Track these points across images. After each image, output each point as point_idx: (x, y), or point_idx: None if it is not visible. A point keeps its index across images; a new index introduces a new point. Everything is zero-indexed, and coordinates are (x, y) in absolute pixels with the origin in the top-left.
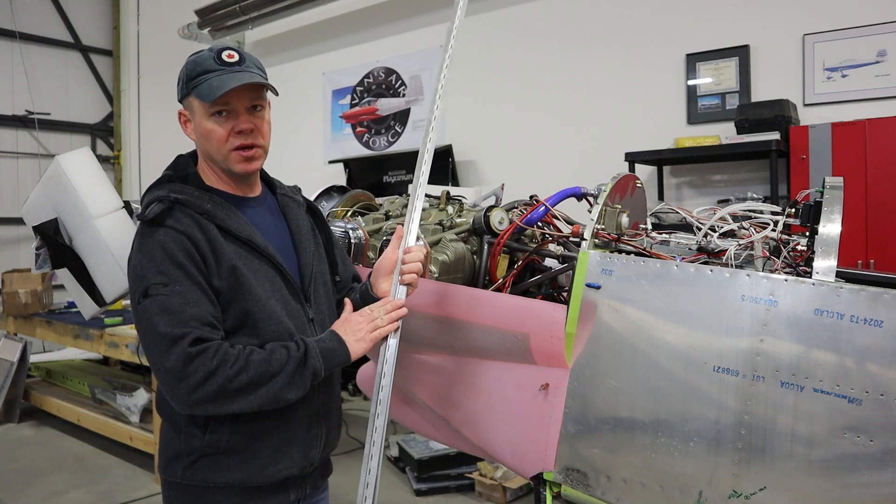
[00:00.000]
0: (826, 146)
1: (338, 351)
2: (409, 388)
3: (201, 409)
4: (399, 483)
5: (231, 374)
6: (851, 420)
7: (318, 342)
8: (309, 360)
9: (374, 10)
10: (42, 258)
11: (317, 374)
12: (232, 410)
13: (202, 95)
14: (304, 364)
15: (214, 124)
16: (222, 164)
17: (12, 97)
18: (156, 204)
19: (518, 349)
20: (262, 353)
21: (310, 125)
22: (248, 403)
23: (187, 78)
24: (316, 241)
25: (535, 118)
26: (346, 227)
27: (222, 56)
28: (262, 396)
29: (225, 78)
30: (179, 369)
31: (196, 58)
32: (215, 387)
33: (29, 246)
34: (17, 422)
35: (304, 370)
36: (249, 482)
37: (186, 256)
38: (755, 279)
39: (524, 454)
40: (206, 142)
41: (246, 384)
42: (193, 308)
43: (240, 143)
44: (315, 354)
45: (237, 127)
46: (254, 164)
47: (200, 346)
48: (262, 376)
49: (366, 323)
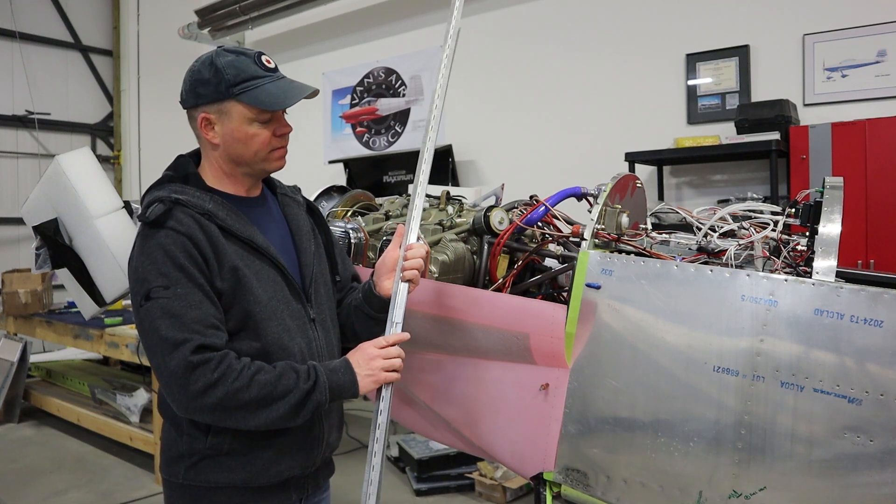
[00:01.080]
0: (826, 146)
1: (347, 388)
2: (409, 388)
3: (200, 417)
4: (399, 483)
5: (232, 389)
6: (851, 420)
7: (329, 373)
8: (315, 394)
9: (374, 10)
10: (42, 258)
11: (320, 408)
12: (228, 425)
13: (261, 102)
14: (309, 398)
15: (259, 129)
16: (257, 166)
17: (12, 97)
18: (157, 204)
19: (518, 349)
20: (269, 375)
21: (310, 125)
22: (245, 422)
23: (229, 83)
24: (316, 242)
25: (535, 118)
26: (346, 227)
27: (262, 61)
28: (260, 419)
29: (283, 86)
30: (181, 376)
31: (233, 61)
32: (215, 399)
33: (29, 246)
34: (17, 422)
35: (307, 403)
36: (252, 483)
37: (188, 258)
38: (755, 279)
39: (524, 454)
40: (244, 146)
41: (246, 403)
42: (195, 311)
43: (280, 144)
44: (323, 389)
45: (279, 130)
46: (284, 161)
47: (203, 356)
48: (265, 399)
49: (381, 360)
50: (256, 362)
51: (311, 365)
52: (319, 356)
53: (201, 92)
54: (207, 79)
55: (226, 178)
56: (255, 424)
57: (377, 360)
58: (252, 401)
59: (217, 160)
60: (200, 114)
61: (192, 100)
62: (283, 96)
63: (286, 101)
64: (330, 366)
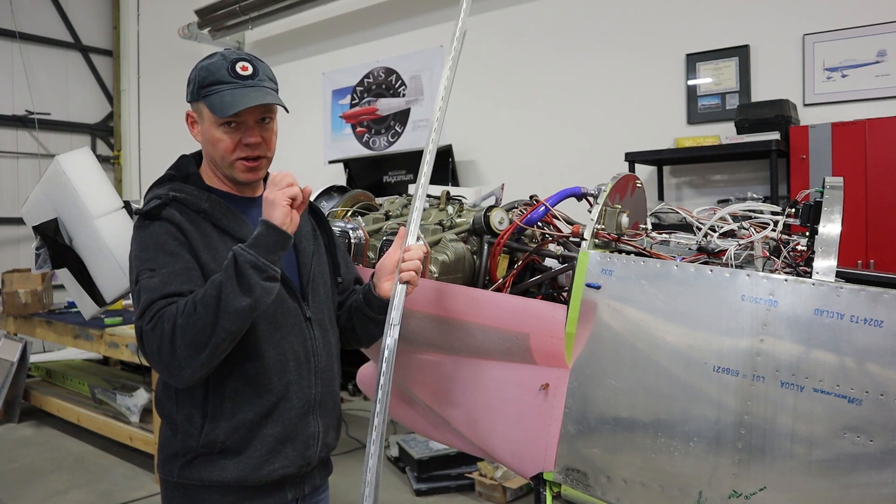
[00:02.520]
0: (826, 146)
1: (262, 233)
2: (409, 388)
3: (191, 369)
4: (399, 483)
5: (182, 322)
6: (851, 420)
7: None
8: (239, 258)
9: (374, 10)
10: (42, 258)
11: (258, 267)
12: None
13: (214, 108)
14: (236, 266)
15: (223, 134)
16: (226, 171)
17: (12, 97)
18: (155, 200)
19: (518, 349)
20: (203, 291)
21: (310, 125)
22: (219, 337)
23: (199, 85)
24: (316, 243)
25: (535, 118)
26: (346, 227)
27: (236, 68)
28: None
29: (238, 94)
30: (149, 347)
31: (209, 64)
32: (181, 344)
33: (29, 246)
34: (17, 422)
35: (239, 270)
36: (245, 481)
37: (178, 245)
38: (755, 279)
39: (524, 454)
40: (212, 148)
41: (202, 323)
42: (174, 287)
43: (246, 154)
44: (242, 251)
45: (245, 140)
46: (258, 174)
47: (156, 317)
48: (209, 304)
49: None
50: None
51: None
52: (316, 355)
53: (187, 91)
54: (191, 79)
55: (215, 177)
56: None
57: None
58: (203, 315)
59: (205, 159)
60: (187, 111)
61: (187, 98)
62: (232, 104)
63: (230, 109)
64: None
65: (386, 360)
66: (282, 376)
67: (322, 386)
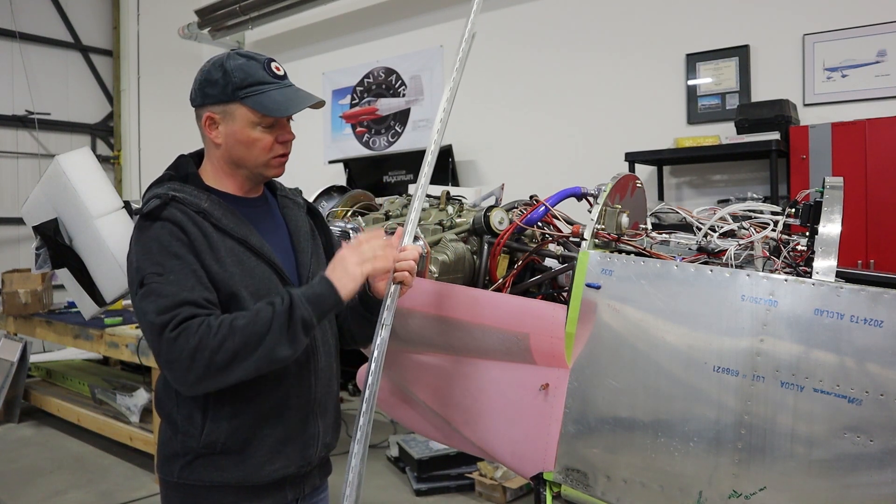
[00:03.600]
0: (826, 146)
1: (325, 295)
2: (409, 388)
3: (202, 386)
4: (399, 483)
5: (215, 344)
6: (851, 420)
7: (304, 289)
8: (295, 311)
9: (374, 10)
10: (42, 258)
11: (307, 325)
12: (232, 380)
13: (264, 108)
14: (291, 316)
15: (261, 133)
16: (256, 170)
17: (12, 97)
18: (154, 200)
19: (518, 349)
20: (247, 316)
21: (310, 125)
22: (244, 370)
23: (235, 86)
24: (315, 243)
25: (535, 118)
26: (346, 227)
27: (272, 68)
28: (256, 360)
29: (289, 93)
30: (167, 355)
31: (241, 65)
32: (205, 361)
33: (29, 246)
34: (17, 422)
35: (292, 323)
36: (246, 482)
37: (182, 246)
38: (755, 279)
39: (524, 454)
40: (246, 149)
41: (234, 351)
42: (186, 293)
43: (282, 151)
44: (301, 304)
45: (282, 138)
46: (284, 169)
47: (182, 327)
48: (250, 339)
49: (355, 256)
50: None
51: (285, 290)
52: (315, 355)
53: (209, 92)
54: (216, 80)
55: (226, 177)
56: (253, 368)
57: (350, 257)
58: (240, 346)
59: (218, 160)
60: (206, 113)
61: (200, 99)
62: (287, 104)
63: (290, 109)
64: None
65: (375, 360)
66: (282, 376)
67: (321, 386)
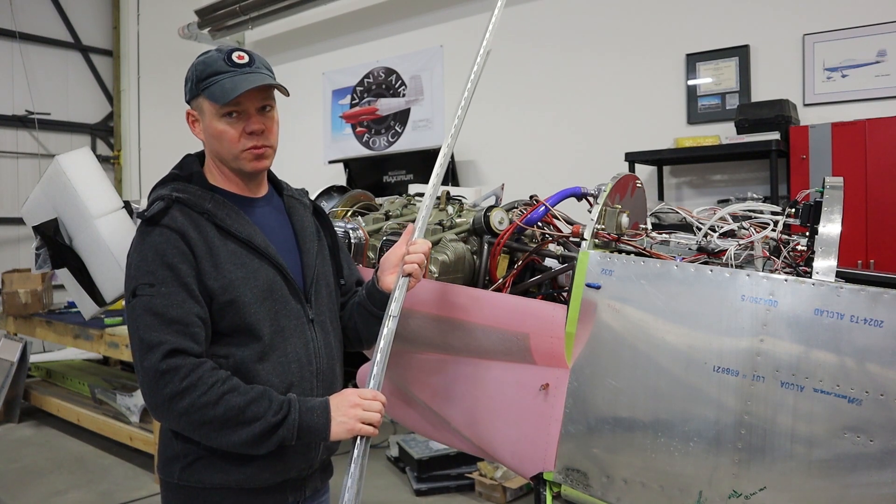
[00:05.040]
0: (826, 146)
1: (318, 431)
2: (409, 388)
3: (168, 423)
4: (399, 483)
5: (199, 403)
6: (851, 420)
7: (304, 412)
8: (282, 430)
9: (374, 10)
10: (42, 258)
11: (285, 443)
12: (194, 437)
13: (214, 97)
14: (275, 432)
15: (226, 125)
16: (233, 164)
17: (12, 97)
18: (157, 202)
19: (518, 349)
20: (240, 398)
21: (310, 125)
22: (209, 439)
23: (197, 79)
24: (320, 244)
25: (535, 118)
26: (346, 227)
27: (232, 57)
28: (223, 439)
29: (237, 80)
30: (151, 380)
31: (205, 59)
32: (181, 409)
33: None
34: (17, 422)
35: (272, 436)
36: (246, 484)
37: (178, 255)
38: (755, 279)
39: (524, 454)
40: (217, 142)
41: (211, 420)
42: (176, 310)
43: (252, 143)
44: (292, 426)
45: (248, 128)
46: (264, 163)
47: (173, 362)
48: (230, 421)
49: (360, 410)
50: (233, 380)
51: (288, 398)
52: (317, 357)
53: (186, 90)
54: (188, 77)
55: (222, 175)
56: (217, 443)
57: (357, 409)
58: (217, 419)
59: (209, 157)
60: (188, 111)
61: (186, 97)
62: (232, 89)
63: (230, 94)
64: (308, 404)
65: (381, 351)
66: (283, 378)
67: (323, 388)
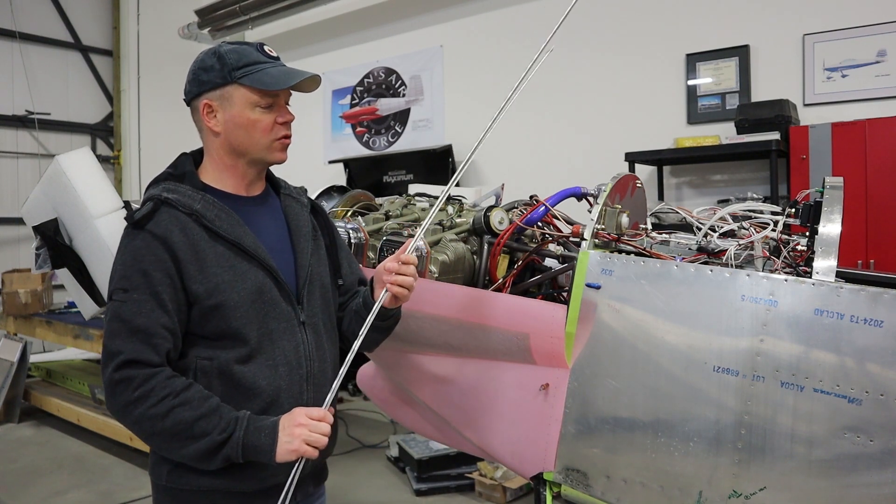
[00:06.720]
0: (826, 146)
1: (263, 451)
2: (409, 388)
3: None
4: (399, 483)
5: (148, 415)
6: (851, 420)
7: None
8: (226, 449)
9: (374, 10)
10: (42, 258)
11: (233, 461)
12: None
13: (264, 83)
14: (219, 450)
15: (260, 115)
16: (257, 155)
17: (12, 97)
18: (147, 203)
19: (518, 349)
20: (190, 413)
21: (310, 125)
22: (158, 448)
23: (232, 67)
24: (317, 243)
25: (535, 118)
26: (346, 227)
27: (265, 50)
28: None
29: (284, 70)
30: (107, 387)
31: (236, 48)
32: (132, 418)
33: (29, 246)
34: (17, 422)
35: (217, 455)
36: (234, 488)
37: (155, 263)
38: (755, 279)
39: (524, 454)
40: (245, 132)
41: (159, 432)
42: (143, 318)
43: (283, 133)
44: (235, 446)
45: (281, 118)
46: (286, 155)
47: (125, 374)
48: (177, 435)
49: (306, 430)
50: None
51: (236, 417)
52: (308, 359)
53: (204, 79)
54: (211, 65)
55: (226, 172)
56: (169, 454)
57: (302, 429)
58: (166, 432)
59: (218, 152)
60: (203, 101)
61: (196, 88)
62: (284, 77)
63: (287, 81)
64: (257, 423)
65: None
66: (271, 381)
67: (315, 392)
